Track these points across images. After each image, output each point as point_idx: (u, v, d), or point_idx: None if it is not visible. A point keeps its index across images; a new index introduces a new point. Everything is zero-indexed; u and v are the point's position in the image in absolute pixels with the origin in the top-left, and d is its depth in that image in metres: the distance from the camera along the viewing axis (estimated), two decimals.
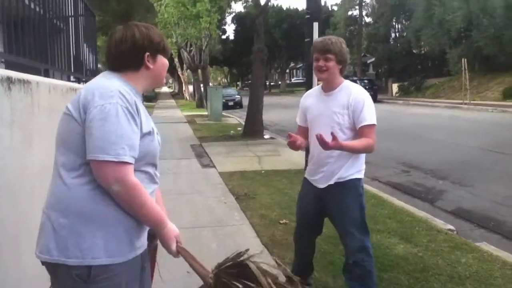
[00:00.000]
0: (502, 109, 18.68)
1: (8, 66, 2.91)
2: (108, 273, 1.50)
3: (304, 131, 3.01)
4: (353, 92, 2.74)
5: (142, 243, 1.65)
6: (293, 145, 2.77)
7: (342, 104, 2.73)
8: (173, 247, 1.66)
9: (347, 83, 2.83)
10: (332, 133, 2.53)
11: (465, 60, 23.13)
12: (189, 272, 3.47)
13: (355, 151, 2.72)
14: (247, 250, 1.76)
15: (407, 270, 3.53)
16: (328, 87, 2.82)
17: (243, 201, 5.65)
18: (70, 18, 4.58)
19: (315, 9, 7.80)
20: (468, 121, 15.57)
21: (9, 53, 2.89)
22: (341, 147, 2.59)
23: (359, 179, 2.81)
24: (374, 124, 2.71)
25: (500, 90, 23.90)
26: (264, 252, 3.93)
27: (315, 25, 7.49)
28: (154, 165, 1.67)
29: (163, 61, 1.71)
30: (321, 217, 2.99)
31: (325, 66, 2.71)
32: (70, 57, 4.52)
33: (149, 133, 1.59)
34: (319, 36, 7.53)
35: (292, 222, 4.74)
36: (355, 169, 2.78)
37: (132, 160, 1.49)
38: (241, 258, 1.72)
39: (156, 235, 1.69)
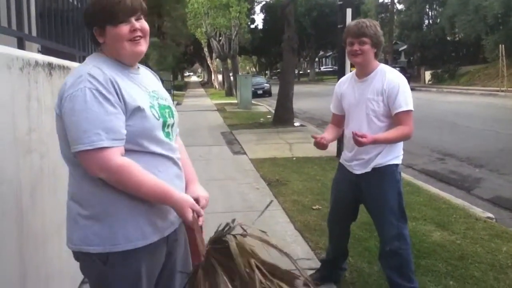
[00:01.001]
0: None
1: (45, 53, 2.98)
2: (127, 259, 1.48)
3: (339, 119, 2.95)
4: (387, 77, 2.63)
5: (169, 222, 1.58)
6: (319, 146, 2.72)
7: (377, 90, 2.63)
8: (189, 216, 1.51)
9: (382, 67, 2.73)
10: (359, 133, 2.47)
11: (503, 46, 22.31)
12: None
13: (391, 142, 2.64)
14: (233, 223, 1.56)
15: (445, 257, 3.46)
16: (363, 72, 2.72)
17: (275, 187, 5.64)
18: None
19: None
20: (506, 108, 15.06)
21: (47, 39, 2.95)
22: (375, 142, 2.52)
23: (397, 165, 2.73)
24: (410, 110, 2.59)
25: None
26: (298, 238, 3.93)
27: (348, 11, 7.36)
28: (159, 142, 1.54)
29: (113, 31, 1.48)
30: (357, 204, 2.93)
31: (360, 50, 2.61)
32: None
33: (139, 109, 1.47)
34: None
35: (325, 208, 4.71)
36: (393, 155, 2.69)
37: (112, 143, 1.38)
38: (223, 232, 1.54)
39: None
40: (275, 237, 3.91)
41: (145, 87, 1.58)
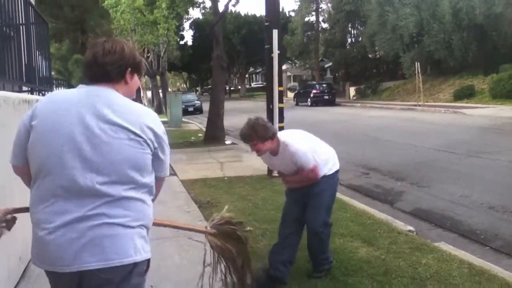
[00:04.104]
0: (454, 110, 19.46)
1: None
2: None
3: None
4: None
5: None
6: None
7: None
8: None
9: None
10: None
11: (418, 63, 23.97)
12: (152, 286, 3.40)
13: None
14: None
15: (371, 273, 3.59)
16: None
17: (206, 209, 5.58)
18: (21, 27, 4.39)
19: (274, 17, 7.87)
20: (423, 123, 16.11)
21: None
22: None
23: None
24: None
25: (451, 92, 24.91)
26: None
27: (275, 32, 7.55)
28: None
29: (137, 79, 1.83)
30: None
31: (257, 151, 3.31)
32: (22, 66, 4.34)
33: None
34: (278, 43, 7.62)
35: (257, 229, 4.74)
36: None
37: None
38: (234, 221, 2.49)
39: None
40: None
41: None
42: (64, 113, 1.59)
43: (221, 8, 12.73)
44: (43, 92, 5.55)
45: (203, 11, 32.54)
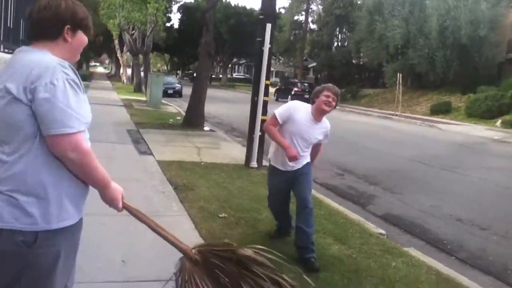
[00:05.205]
0: (429, 123, 19.89)
1: None
2: (52, 239, 1.58)
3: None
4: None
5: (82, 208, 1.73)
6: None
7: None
8: (120, 205, 1.76)
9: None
10: None
11: (400, 74, 24.38)
12: (124, 261, 3.35)
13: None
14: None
15: (342, 270, 3.63)
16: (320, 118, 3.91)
17: (182, 191, 5.53)
18: None
19: (269, 11, 7.82)
20: (399, 132, 16.41)
21: None
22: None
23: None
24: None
25: (428, 106, 25.48)
26: None
27: (268, 26, 7.51)
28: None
29: (82, 38, 1.73)
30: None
31: (333, 105, 3.83)
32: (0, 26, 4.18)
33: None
34: (270, 38, 7.58)
35: (231, 217, 4.73)
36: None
37: (84, 127, 1.60)
38: (234, 247, 1.75)
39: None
40: None
41: None
42: None
43: None
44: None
45: None
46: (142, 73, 27.72)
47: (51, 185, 1.58)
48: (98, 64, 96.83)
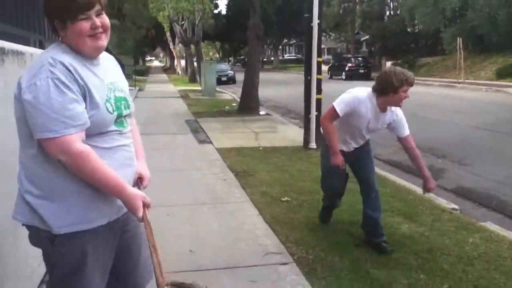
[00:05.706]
0: (496, 88, 18.67)
1: None
2: (71, 240, 1.55)
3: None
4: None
5: (117, 207, 1.64)
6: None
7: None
8: (139, 214, 1.59)
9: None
10: None
11: (460, 39, 22.98)
12: (191, 250, 3.39)
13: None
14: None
15: (414, 250, 3.47)
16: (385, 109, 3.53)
17: (243, 178, 5.53)
18: None
19: None
20: (464, 100, 15.53)
21: None
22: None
23: None
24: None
25: (493, 69, 23.85)
26: (268, 231, 3.84)
27: (315, 1, 7.29)
28: (107, 134, 1.60)
29: (74, 27, 1.50)
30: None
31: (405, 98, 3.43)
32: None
33: (95, 102, 1.53)
34: (319, 13, 7.35)
35: (294, 200, 4.67)
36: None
37: (74, 130, 1.45)
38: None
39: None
40: (244, 230, 3.82)
41: (103, 79, 1.60)
42: None
43: None
44: None
45: None
46: (195, 63, 28.11)
47: (59, 188, 1.52)
48: (153, 58, 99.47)
